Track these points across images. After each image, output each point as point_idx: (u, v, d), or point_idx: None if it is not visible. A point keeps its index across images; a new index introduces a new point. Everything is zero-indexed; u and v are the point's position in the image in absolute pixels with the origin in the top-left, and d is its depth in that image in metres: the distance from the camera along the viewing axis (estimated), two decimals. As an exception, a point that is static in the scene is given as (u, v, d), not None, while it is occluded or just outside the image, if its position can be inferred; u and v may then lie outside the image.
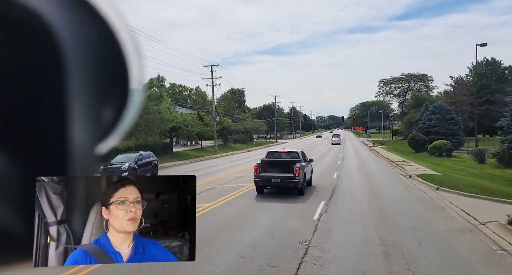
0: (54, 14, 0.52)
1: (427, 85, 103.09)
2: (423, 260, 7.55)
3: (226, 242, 8.61)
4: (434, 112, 50.96)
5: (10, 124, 0.51)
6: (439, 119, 50.02)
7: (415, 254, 7.86)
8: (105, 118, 0.60)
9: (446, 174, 21.41)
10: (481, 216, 10.92)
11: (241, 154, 48.19)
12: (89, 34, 0.55)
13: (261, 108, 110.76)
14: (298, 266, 7.13)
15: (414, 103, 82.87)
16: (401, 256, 7.70)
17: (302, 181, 14.48)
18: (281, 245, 8.39)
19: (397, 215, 11.64)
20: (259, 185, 14.68)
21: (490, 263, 7.63)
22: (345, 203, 13.56)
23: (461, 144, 47.67)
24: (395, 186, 18.23)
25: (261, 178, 14.50)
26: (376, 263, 7.33)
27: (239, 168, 27.74)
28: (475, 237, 9.41)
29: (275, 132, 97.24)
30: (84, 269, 6.35)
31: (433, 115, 50.72)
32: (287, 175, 14.20)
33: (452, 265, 7.41)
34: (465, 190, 15.34)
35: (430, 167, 26.69)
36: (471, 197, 14.25)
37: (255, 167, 14.81)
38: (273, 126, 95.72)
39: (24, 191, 0.53)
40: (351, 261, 7.50)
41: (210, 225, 10.07)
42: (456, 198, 14.35)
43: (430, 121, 50.56)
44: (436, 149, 40.63)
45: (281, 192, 14.69)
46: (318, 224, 10.36)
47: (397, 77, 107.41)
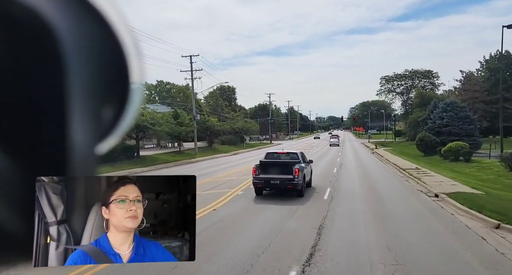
0: (54, 14, 0.51)
1: (432, 82, 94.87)
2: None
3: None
4: (446, 109, 44.47)
5: (10, 124, 0.51)
6: (452, 117, 43.54)
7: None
8: (105, 118, 0.60)
9: (490, 193, 14.83)
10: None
11: (225, 157, 41.82)
12: (89, 33, 0.56)
13: (256, 107, 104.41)
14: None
15: (419, 101, 76.57)
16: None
17: (302, 183, 14.27)
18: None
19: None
20: (258, 187, 14.58)
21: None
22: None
23: (477, 146, 41.24)
24: (423, 221, 10.75)
25: (259, 179, 14.32)
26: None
27: (211, 176, 21.44)
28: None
29: (269, 133, 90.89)
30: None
31: (444, 113, 44.23)
32: (286, 176, 13.95)
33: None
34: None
35: (455, 177, 20.23)
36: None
37: (253, 168, 14.62)
38: (268, 126, 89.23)
39: (24, 191, 0.53)
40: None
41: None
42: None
43: (442, 120, 44.08)
44: (451, 152, 34.24)
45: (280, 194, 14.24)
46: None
47: (400, 74, 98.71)
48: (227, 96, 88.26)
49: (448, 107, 44.68)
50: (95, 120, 0.57)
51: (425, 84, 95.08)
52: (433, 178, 20.05)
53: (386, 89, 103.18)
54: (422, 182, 18.32)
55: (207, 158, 40.05)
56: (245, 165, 31.40)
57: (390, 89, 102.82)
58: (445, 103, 46.20)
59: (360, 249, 8.08)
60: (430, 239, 8.90)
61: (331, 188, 16.63)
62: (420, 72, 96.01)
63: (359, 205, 13.00)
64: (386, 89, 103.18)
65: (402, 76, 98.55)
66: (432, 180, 18.82)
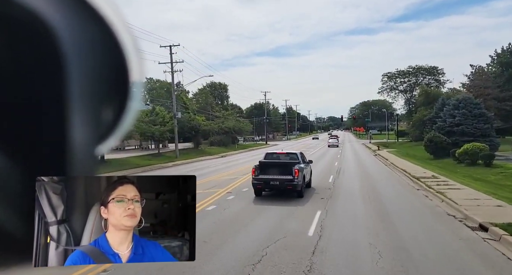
0: (54, 14, 0.51)
1: (437, 79, 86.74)
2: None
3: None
4: (458, 106, 39.42)
5: (10, 124, 0.51)
6: (465, 115, 38.49)
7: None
8: (105, 119, 0.61)
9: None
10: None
11: (209, 160, 36.85)
12: (89, 34, 0.56)
13: (252, 107, 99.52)
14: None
15: (423, 99, 71.79)
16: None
17: (301, 183, 14.02)
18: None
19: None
20: (257, 188, 14.37)
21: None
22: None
23: (495, 148, 36.20)
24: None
25: (259, 180, 14.11)
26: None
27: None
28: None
29: (265, 133, 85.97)
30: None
31: (456, 111, 39.18)
32: (286, 177, 13.72)
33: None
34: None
35: (490, 191, 15.28)
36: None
37: (253, 169, 14.41)
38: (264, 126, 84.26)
39: (24, 191, 0.53)
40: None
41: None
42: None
43: (453, 118, 39.03)
44: (467, 154, 29.34)
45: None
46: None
47: (404, 71, 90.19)
48: (219, 94, 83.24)
49: (460, 104, 39.64)
50: (95, 120, 0.57)
51: (430, 82, 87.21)
52: (461, 192, 15.04)
53: (388, 87, 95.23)
54: (449, 199, 13.33)
55: (188, 161, 35.17)
56: (228, 170, 26.49)
57: (392, 87, 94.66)
58: (456, 99, 41.17)
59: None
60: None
61: (322, 212, 11.61)
62: (424, 69, 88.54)
63: (366, 254, 7.84)
64: (388, 87, 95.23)
65: (406, 73, 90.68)
66: (461, 196, 13.82)
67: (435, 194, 14.88)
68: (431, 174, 22.06)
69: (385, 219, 11.03)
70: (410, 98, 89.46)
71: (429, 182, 18.01)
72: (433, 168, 26.15)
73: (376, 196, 14.99)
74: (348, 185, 18.33)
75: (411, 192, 16.54)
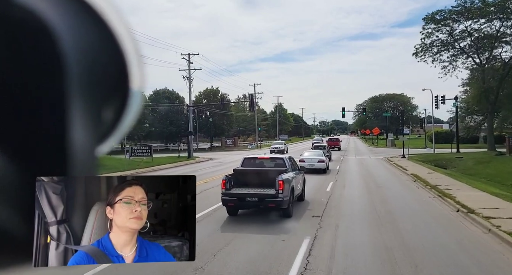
0: (54, 15, 0.51)
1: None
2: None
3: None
4: None
5: (10, 125, 0.50)
6: None
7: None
8: (106, 119, 0.60)
9: None
10: None
11: None
12: (90, 35, 0.56)
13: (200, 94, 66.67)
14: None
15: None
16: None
17: (288, 199, 10.34)
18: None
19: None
20: (229, 206, 10.59)
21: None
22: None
23: None
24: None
25: (231, 196, 10.39)
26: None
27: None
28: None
29: (210, 138, 51.55)
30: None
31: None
32: (267, 191, 10.19)
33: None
34: None
35: None
36: None
37: (223, 180, 10.60)
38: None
39: (24, 191, 0.52)
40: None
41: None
42: None
43: None
44: None
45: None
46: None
47: (468, 7, 40.93)
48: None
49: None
50: (95, 121, 0.56)
51: (505, 31, 40.87)
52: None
53: (438, 41, 44.53)
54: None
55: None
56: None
57: (444, 42, 44.47)
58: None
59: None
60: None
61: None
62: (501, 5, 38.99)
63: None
64: (438, 41, 44.53)
65: (475, 11, 40.05)
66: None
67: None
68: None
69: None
70: (485, 64, 42.72)
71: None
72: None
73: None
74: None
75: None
